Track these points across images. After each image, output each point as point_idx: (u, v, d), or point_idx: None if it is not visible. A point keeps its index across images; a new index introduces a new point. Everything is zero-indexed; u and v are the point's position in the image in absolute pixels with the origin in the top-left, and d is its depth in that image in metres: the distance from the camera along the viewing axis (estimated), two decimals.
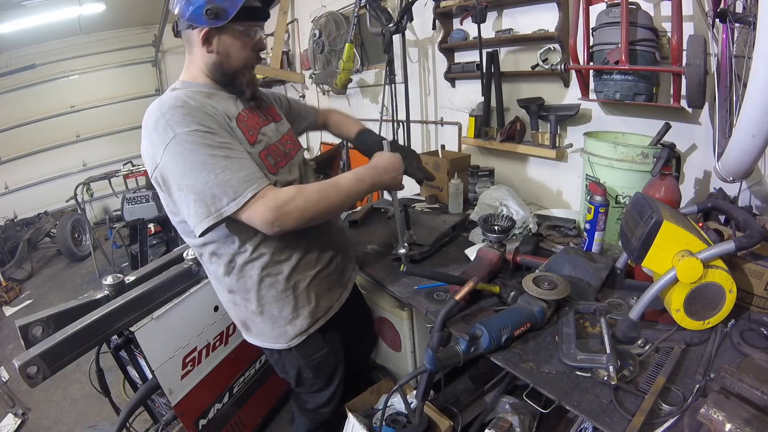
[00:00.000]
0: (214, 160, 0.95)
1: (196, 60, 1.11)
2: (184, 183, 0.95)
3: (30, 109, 5.42)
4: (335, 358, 1.34)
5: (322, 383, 1.35)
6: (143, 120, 1.01)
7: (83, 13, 4.45)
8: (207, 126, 0.98)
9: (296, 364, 1.29)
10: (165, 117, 0.96)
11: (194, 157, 0.94)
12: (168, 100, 1.01)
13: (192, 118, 0.97)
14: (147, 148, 1.00)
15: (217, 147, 0.96)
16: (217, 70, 1.10)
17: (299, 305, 1.21)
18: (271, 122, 1.24)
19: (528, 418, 1.41)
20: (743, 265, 1.08)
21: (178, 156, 0.94)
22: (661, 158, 1.26)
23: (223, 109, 1.07)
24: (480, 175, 2.15)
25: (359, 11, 2.80)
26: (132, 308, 1.38)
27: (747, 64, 1.02)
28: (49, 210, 5.18)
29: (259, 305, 1.19)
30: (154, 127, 0.97)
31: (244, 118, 1.12)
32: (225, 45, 1.07)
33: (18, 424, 2.27)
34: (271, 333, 1.23)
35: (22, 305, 3.81)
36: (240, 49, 1.09)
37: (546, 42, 1.89)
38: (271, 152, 1.15)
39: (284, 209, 0.98)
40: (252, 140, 1.10)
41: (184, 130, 0.95)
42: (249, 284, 1.17)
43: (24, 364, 1.12)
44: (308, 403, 1.42)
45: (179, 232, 1.16)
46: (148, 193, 3.57)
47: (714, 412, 0.73)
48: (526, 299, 1.15)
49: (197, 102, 1.02)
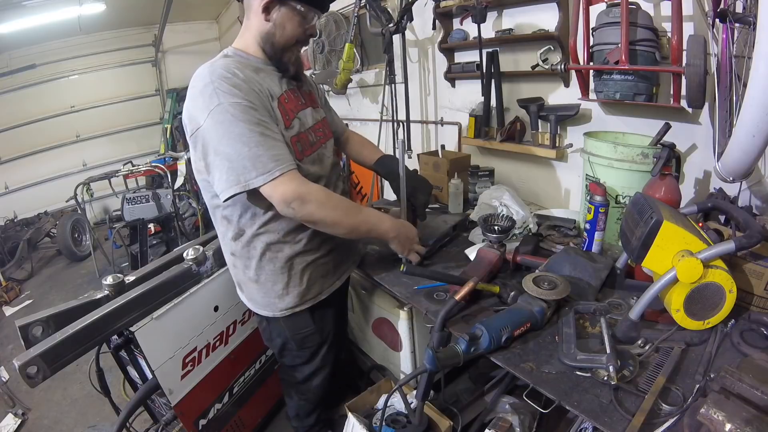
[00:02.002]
0: (251, 134, 1.01)
1: (251, 27, 1.16)
2: (221, 149, 1.02)
3: (30, 109, 5.41)
4: (320, 337, 1.40)
5: (305, 357, 1.42)
6: (191, 81, 1.07)
7: (83, 13, 4.45)
8: (250, 101, 1.03)
9: (283, 334, 1.36)
10: (214, 84, 1.02)
11: (233, 128, 1.00)
12: (219, 67, 1.05)
13: (238, 90, 1.02)
14: (190, 108, 1.06)
15: (255, 123, 1.02)
16: (268, 41, 1.15)
17: (290, 284, 1.27)
18: (309, 106, 1.28)
19: (528, 418, 1.41)
20: (743, 265, 1.08)
21: (219, 124, 1.01)
22: (661, 158, 1.26)
23: (268, 86, 1.13)
24: (480, 175, 2.14)
25: (359, 11, 2.80)
26: (132, 308, 1.38)
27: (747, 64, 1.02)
28: (49, 210, 5.17)
29: (255, 274, 1.26)
30: (201, 91, 1.03)
31: (285, 100, 1.17)
32: (282, 18, 1.12)
33: (18, 424, 2.27)
34: (261, 301, 1.30)
35: (22, 305, 3.80)
36: (295, 26, 1.14)
37: (546, 42, 1.89)
38: (300, 139, 1.20)
39: (304, 196, 1.06)
40: (287, 124, 1.15)
41: (229, 101, 1.00)
42: (251, 254, 1.23)
43: (24, 364, 1.12)
44: (295, 376, 1.48)
45: (201, 189, 1.22)
46: (148, 193, 3.57)
47: (714, 412, 0.73)
48: (526, 299, 1.15)
49: (246, 76, 1.07)
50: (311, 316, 1.34)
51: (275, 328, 1.37)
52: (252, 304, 1.35)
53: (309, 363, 1.45)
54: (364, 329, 1.90)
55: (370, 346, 1.92)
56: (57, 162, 5.69)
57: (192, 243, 1.74)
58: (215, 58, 1.16)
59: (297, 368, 1.47)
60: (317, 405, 1.58)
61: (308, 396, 1.54)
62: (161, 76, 6.13)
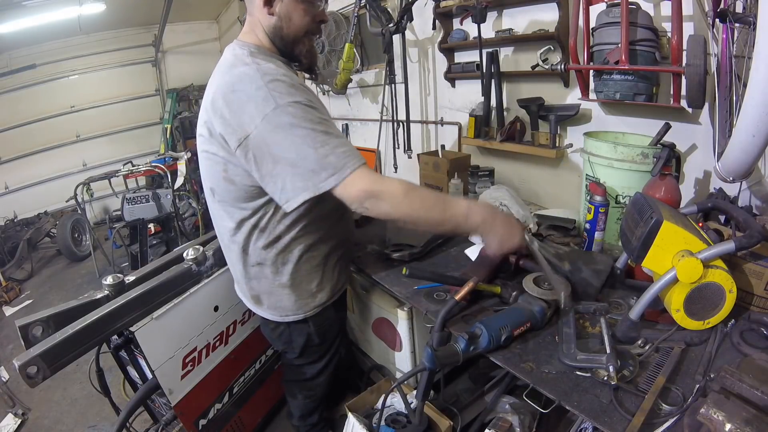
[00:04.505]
0: (315, 134, 0.94)
1: (258, 22, 1.09)
2: (283, 156, 0.94)
3: (30, 109, 5.41)
4: (338, 327, 1.42)
5: (324, 350, 1.40)
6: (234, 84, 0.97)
7: (83, 13, 4.44)
8: (308, 99, 0.98)
9: (306, 332, 1.31)
10: (268, 86, 0.94)
11: (295, 130, 0.93)
12: (270, 69, 0.98)
13: (295, 89, 0.97)
14: (237, 114, 0.96)
15: (317, 122, 0.96)
16: (276, 35, 1.09)
17: (324, 280, 1.26)
18: None
19: (528, 418, 1.41)
20: (743, 265, 1.08)
21: (278, 128, 0.93)
22: (661, 158, 1.26)
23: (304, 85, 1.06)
24: (480, 175, 2.14)
25: (359, 11, 2.80)
26: (132, 308, 1.38)
27: (747, 64, 1.02)
28: (49, 210, 5.17)
29: (290, 278, 1.21)
30: (253, 96, 0.94)
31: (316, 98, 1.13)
32: (287, 8, 1.06)
33: (18, 424, 2.27)
34: (291, 305, 1.25)
35: (22, 305, 3.80)
36: (302, 16, 1.08)
37: (546, 42, 1.89)
38: None
39: (379, 194, 0.97)
40: None
41: (287, 101, 0.94)
42: (287, 258, 1.18)
43: (24, 364, 1.12)
44: (304, 374, 1.45)
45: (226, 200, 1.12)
46: (148, 193, 3.57)
47: (714, 412, 0.73)
48: (527, 299, 1.15)
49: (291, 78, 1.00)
50: (333, 308, 1.35)
51: (296, 329, 1.31)
52: (276, 313, 1.28)
53: (323, 358, 1.42)
54: (364, 329, 1.90)
55: (370, 346, 1.92)
56: (57, 162, 5.69)
57: (192, 243, 1.74)
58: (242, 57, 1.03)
59: (308, 366, 1.44)
60: (320, 403, 1.57)
61: (314, 393, 1.52)
62: (161, 76, 6.13)
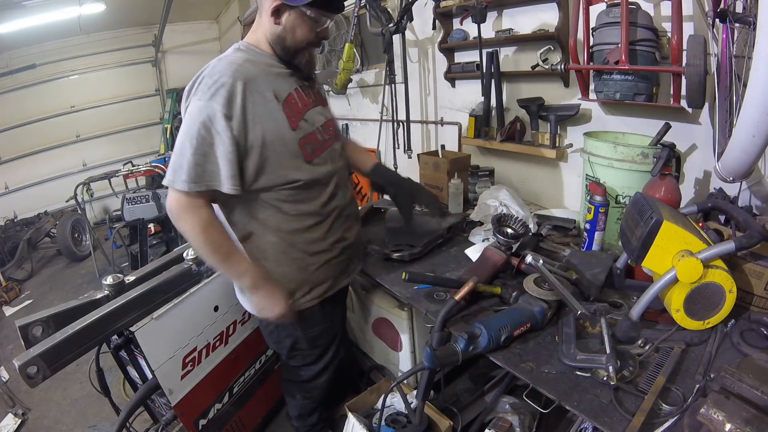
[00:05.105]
0: (196, 141, 1.03)
1: (263, 26, 1.15)
2: (179, 139, 1.06)
3: (30, 109, 5.40)
4: (332, 332, 1.41)
5: (315, 356, 1.42)
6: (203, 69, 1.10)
7: (83, 13, 4.44)
8: (228, 111, 1.03)
9: (293, 334, 1.36)
10: (211, 79, 1.04)
11: (188, 128, 1.04)
12: (220, 64, 1.07)
13: (227, 100, 1.03)
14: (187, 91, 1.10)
15: (206, 135, 1.03)
16: (278, 44, 1.15)
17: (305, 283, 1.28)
18: (318, 104, 1.27)
19: (528, 418, 1.41)
20: (743, 265, 1.08)
21: (189, 115, 1.05)
22: (661, 158, 1.26)
23: (276, 87, 1.13)
24: (480, 175, 2.14)
25: (359, 11, 2.80)
26: (132, 308, 1.38)
27: (747, 64, 1.02)
28: (49, 210, 5.16)
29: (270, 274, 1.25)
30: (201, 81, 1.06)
31: (292, 100, 1.16)
32: (293, 23, 1.11)
33: (18, 424, 2.27)
34: None
35: (22, 305, 3.80)
36: (306, 31, 1.13)
37: (546, 42, 1.88)
38: (310, 140, 1.19)
39: (177, 217, 1.08)
40: (294, 125, 1.15)
41: (205, 100, 1.03)
42: (262, 255, 1.23)
43: (24, 364, 1.12)
44: (301, 375, 1.48)
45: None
46: (148, 193, 3.57)
47: (714, 412, 0.73)
48: (527, 299, 1.15)
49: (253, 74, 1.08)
50: (321, 311, 1.34)
51: (284, 330, 1.36)
52: None
53: (318, 361, 1.44)
54: (364, 329, 1.90)
55: (370, 346, 1.92)
56: (57, 162, 5.68)
57: None
58: (228, 51, 1.16)
59: (304, 368, 1.46)
60: (320, 404, 1.58)
61: (313, 395, 1.53)
62: (161, 76, 6.12)
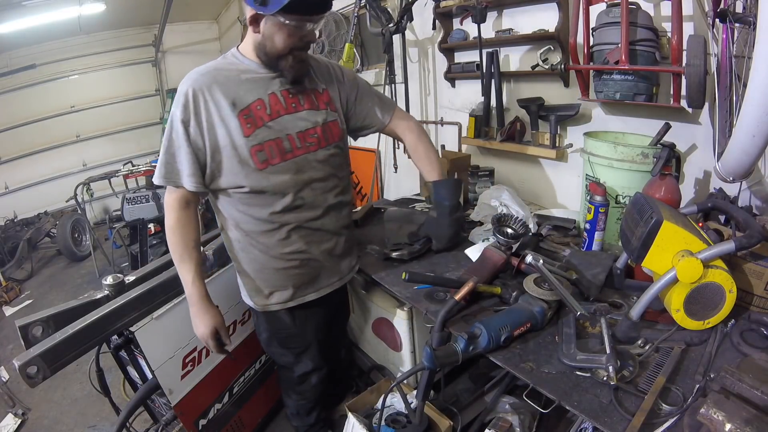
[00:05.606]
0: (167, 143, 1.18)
1: (249, 34, 1.20)
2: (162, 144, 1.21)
3: (30, 109, 5.40)
4: (303, 340, 1.45)
5: (291, 357, 1.49)
6: None
7: (83, 13, 4.44)
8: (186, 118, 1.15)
9: (267, 329, 1.45)
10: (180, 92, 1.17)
11: (166, 131, 1.19)
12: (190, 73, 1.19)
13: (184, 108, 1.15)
14: None
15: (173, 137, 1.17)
16: (260, 50, 1.18)
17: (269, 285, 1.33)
18: (303, 110, 1.24)
19: (528, 418, 1.41)
20: (743, 265, 1.08)
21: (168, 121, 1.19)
22: (661, 158, 1.26)
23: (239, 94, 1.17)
24: (480, 175, 2.14)
25: (359, 11, 2.80)
26: (132, 308, 1.38)
27: (747, 64, 1.02)
28: (49, 210, 5.16)
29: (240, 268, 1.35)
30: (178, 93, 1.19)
31: (259, 106, 1.18)
32: (270, 30, 1.13)
33: (18, 424, 2.27)
34: (247, 293, 1.39)
35: (22, 305, 3.80)
36: (285, 38, 1.13)
37: (546, 42, 1.88)
38: (265, 147, 1.18)
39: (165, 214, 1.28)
40: (247, 133, 1.16)
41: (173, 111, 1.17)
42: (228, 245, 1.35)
43: (24, 364, 1.12)
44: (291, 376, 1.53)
45: None
46: (148, 193, 3.56)
47: (714, 412, 0.73)
48: (527, 299, 1.15)
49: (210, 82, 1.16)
50: (291, 317, 1.38)
51: (260, 322, 1.46)
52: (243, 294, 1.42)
53: (299, 364, 1.48)
54: (364, 329, 1.90)
55: (370, 346, 1.92)
56: (57, 162, 5.68)
57: None
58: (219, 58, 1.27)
59: (290, 368, 1.50)
60: (316, 404, 1.58)
61: (306, 395, 1.55)
62: (161, 76, 6.12)
